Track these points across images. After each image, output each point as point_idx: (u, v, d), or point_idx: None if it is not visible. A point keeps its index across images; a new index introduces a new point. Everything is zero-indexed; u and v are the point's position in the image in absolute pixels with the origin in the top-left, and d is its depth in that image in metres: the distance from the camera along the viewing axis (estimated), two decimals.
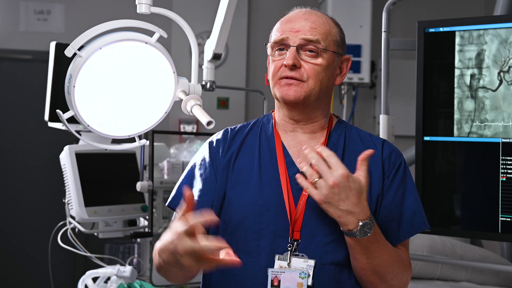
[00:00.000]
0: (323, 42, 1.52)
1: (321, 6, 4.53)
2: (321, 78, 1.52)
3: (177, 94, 1.71)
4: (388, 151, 1.56)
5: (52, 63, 2.41)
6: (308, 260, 1.46)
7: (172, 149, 2.97)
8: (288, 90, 1.52)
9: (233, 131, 1.62)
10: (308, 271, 1.45)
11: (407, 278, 1.52)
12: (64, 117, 1.60)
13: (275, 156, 1.54)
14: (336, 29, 1.57)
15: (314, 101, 1.54)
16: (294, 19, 1.55)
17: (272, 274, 1.46)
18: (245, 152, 1.57)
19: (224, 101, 4.77)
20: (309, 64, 1.51)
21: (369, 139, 1.59)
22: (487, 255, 2.92)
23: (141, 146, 2.18)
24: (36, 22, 4.65)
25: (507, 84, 2.09)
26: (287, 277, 1.45)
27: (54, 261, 2.75)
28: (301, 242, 1.47)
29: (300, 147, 1.55)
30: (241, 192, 1.51)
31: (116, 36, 1.59)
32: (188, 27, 1.78)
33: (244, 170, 1.54)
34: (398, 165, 1.55)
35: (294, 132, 1.58)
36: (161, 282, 2.39)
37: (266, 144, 1.57)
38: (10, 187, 4.65)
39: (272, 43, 1.55)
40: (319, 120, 1.58)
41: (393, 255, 1.47)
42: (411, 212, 1.53)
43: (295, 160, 1.54)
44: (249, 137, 1.60)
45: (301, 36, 1.51)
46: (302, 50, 1.52)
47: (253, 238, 1.48)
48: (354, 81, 4.42)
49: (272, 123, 1.61)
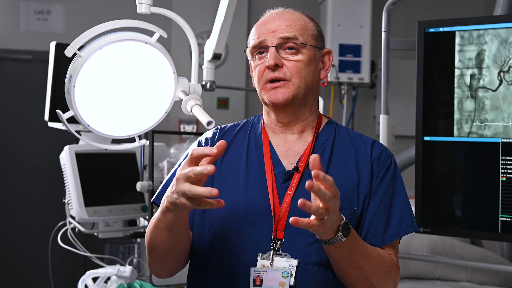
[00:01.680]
0: (301, 38, 1.52)
1: (321, 6, 4.53)
2: (304, 74, 1.52)
3: (177, 94, 1.71)
4: (377, 151, 1.56)
5: (52, 63, 2.41)
6: (291, 260, 1.45)
7: (172, 149, 2.96)
8: (276, 93, 1.52)
9: (223, 130, 1.63)
10: (291, 270, 1.45)
11: (394, 281, 1.49)
12: (64, 117, 1.60)
13: (262, 155, 1.55)
14: (311, 24, 1.58)
15: (302, 99, 1.54)
16: (269, 20, 1.55)
17: (254, 274, 1.45)
18: (233, 151, 1.57)
19: (224, 101, 4.78)
20: (290, 62, 1.51)
21: (359, 140, 1.58)
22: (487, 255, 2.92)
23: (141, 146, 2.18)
24: (36, 22, 4.65)
25: (507, 84, 2.09)
26: (269, 276, 1.44)
27: (54, 261, 2.75)
28: (285, 241, 1.46)
29: (287, 146, 1.56)
30: (227, 191, 1.50)
31: (116, 36, 1.59)
32: (188, 27, 1.78)
33: (232, 169, 1.54)
34: (387, 165, 1.54)
35: (282, 133, 1.58)
36: (161, 282, 2.39)
37: (254, 144, 1.57)
38: (10, 187, 4.65)
39: (251, 48, 1.56)
40: (307, 119, 1.57)
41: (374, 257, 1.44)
42: (399, 213, 1.51)
43: (282, 160, 1.53)
44: (238, 136, 1.60)
45: (278, 35, 1.52)
46: (281, 49, 1.52)
47: (237, 236, 1.48)
48: (354, 81, 4.42)
49: (262, 124, 1.61)
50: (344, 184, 1.49)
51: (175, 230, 1.44)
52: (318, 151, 1.54)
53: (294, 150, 1.55)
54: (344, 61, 4.35)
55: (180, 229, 1.45)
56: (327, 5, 4.39)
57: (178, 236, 1.46)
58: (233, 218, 1.49)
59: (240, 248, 1.47)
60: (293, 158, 1.54)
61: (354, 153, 1.54)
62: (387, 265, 1.47)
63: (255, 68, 1.56)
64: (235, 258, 1.47)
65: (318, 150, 1.54)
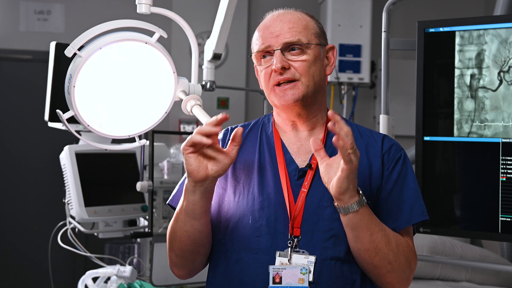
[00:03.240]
0: (304, 38, 1.54)
1: (321, 6, 4.53)
2: (312, 73, 1.54)
3: (177, 94, 1.71)
4: (388, 145, 1.58)
5: (52, 63, 2.41)
6: (308, 256, 1.47)
7: (172, 149, 2.97)
8: (285, 95, 1.53)
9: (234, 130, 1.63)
10: (309, 267, 1.46)
11: (411, 265, 1.51)
12: (64, 117, 1.60)
13: (275, 153, 1.56)
14: (313, 22, 1.59)
15: (311, 97, 1.55)
16: (271, 24, 1.56)
17: (273, 271, 1.47)
18: (245, 151, 1.58)
19: (224, 101, 4.77)
20: (297, 62, 1.53)
21: (369, 135, 1.60)
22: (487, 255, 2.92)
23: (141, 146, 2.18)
24: (36, 22, 4.65)
25: (507, 84, 2.09)
26: (288, 274, 1.46)
27: (54, 261, 2.75)
28: (301, 238, 1.48)
29: (299, 144, 1.57)
30: (241, 190, 1.53)
31: (116, 36, 1.59)
32: (188, 27, 1.78)
33: (245, 169, 1.56)
34: (397, 158, 1.56)
35: (294, 131, 1.59)
36: (161, 282, 2.40)
37: (266, 143, 1.59)
38: (10, 187, 4.65)
39: (256, 53, 1.57)
40: (316, 116, 1.59)
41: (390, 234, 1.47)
42: (409, 203, 1.53)
43: (294, 158, 1.55)
44: (249, 136, 1.61)
45: (282, 40, 1.53)
46: (286, 51, 1.53)
47: (254, 235, 1.49)
48: (354, 81, 4.42)
49: (272, 123, 1.62)
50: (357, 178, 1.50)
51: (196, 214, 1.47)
52: (329, 148, 1.54)
53: (306, 148, 1.56)
54: (344, 61, 4.35)
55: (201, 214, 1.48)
56: (327, 5, 4.39)
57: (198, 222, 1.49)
58: (248, 218, 1.51)
59: (257, 246, 1.49)
60: (306, 156, 1.55)
61: (365, 147, 1.56)
62: (403, 244, 1.49)
63: (261, 72, 1.57)
64: (253, 256, 1.49)
65: (329, 147, 1.54)
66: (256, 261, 1.49)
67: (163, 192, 2.71)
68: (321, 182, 1.46)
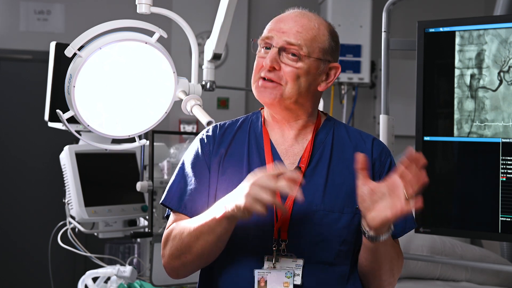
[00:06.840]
0: (306, 48, 1.50)
1: (321, 6, 4.53)
2: (299, 83, 1.51)
3: (177, 94, 1.71)
4: (378, 150, 1.57)
5: (52, 63, 2.41)
6: (296, 260, 1.46)
7: (172, 149, 2.96)
8: (264, 92, 1.52)
9: (223, 128, 1.62)
10: (296, 270, 1.46)
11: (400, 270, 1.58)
12: (64, 117, 1.60)
13: (263, 154, 1.54)
14: (326, 36, 1.54)
15: (292, 104, 1.53)
16: (285, 19, 1.54)
17: (258, 275, 1.46)
18: (234, 149, 1.56)
19: (224, 101, 4.77)
20: (288, 67, 1.50)
21: (358, 136, 1.59)
22: (487, 255, 2.92)
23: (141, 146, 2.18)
24: (36, 22, 4.65)
25: (507, 84, 2.09)
26: (273, 277, 1.45)
27: (54, 261, 2.75)
28: (289, 241, 1.47)
29: (287, 145, 1.56)
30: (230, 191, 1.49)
31: (116, 36, 1.59)
32: (188, 27, 1.78)
33: (234, 168, 1.54)
34: (388, 164, 1.56)
35: (281, 130, 1.58)
36: (161, 282, 2.39)
37: (255, 143, 1.57)
38: (10, 187, 4.65)
39: (260, 40, 1.56)
40: (302, 119, 1.57)
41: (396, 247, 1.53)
42: None
43: (283, 159, 1.53)
44: (238, 134, 1.59)
45: (284, 38, 1.50)
46: (284, 52, 1.51)
47: (241, 237, 1.48)
48: (354, 81, 4.41)
49: (261, 121, 1.61)
50: (346, 183, 1.50)
51: (224, 238, 1.44)
52: (318, 150, 1.54)
53: (294, 149, 1.55)
54: (344, 61, 4.34)
55: (228, 237, 1.45)
56: (327, 5, 4.38)
57: (224, 243, 1.46)
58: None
59: (245, 249, 1.48)
60: (294, 157, 1.54)
61: (353, 149, 1.55)
62: (401, 255, 1.55)
63: (257, 59, 1.56)
64: (241, 259, 1.48)
65: (317, 149, 1.54)
66: (243, 264, 1.47)
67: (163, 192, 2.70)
68: (310, 185, 1.46)
